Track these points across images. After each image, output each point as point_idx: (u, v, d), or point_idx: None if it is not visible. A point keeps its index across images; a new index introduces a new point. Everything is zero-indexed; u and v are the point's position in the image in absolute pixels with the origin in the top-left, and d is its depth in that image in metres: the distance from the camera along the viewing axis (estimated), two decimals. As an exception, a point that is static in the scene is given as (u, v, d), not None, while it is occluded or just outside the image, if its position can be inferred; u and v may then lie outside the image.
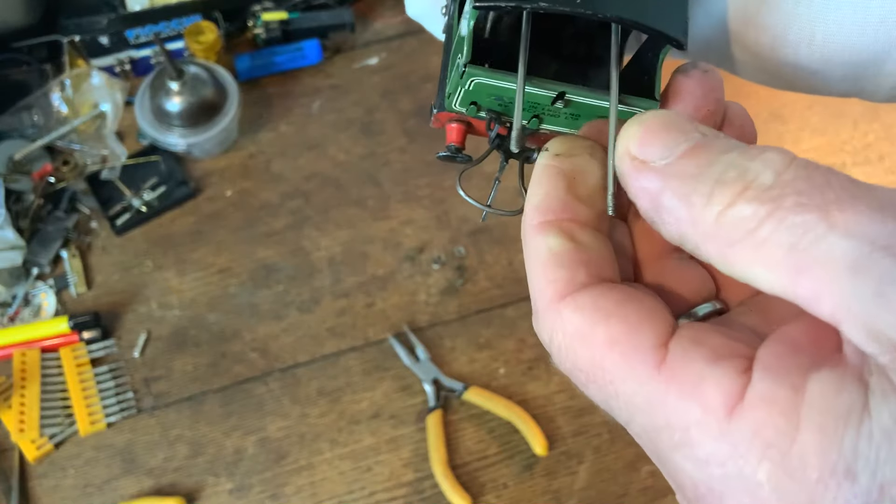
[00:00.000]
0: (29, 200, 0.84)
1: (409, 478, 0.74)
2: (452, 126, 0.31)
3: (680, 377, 0.21)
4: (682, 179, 0.22)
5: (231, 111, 0.87)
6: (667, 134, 0.23)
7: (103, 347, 0.79)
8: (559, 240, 0.26)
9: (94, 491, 0.73)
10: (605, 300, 0.24)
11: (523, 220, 0.27)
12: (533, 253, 0.26)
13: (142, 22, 0.91)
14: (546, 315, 0.25)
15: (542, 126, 0.29)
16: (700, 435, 0.21)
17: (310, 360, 0.79)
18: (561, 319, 0.24)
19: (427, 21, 0.38)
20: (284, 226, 0.86)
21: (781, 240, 0.20)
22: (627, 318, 0.23)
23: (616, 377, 0.22)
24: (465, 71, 0.26)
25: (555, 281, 0.25)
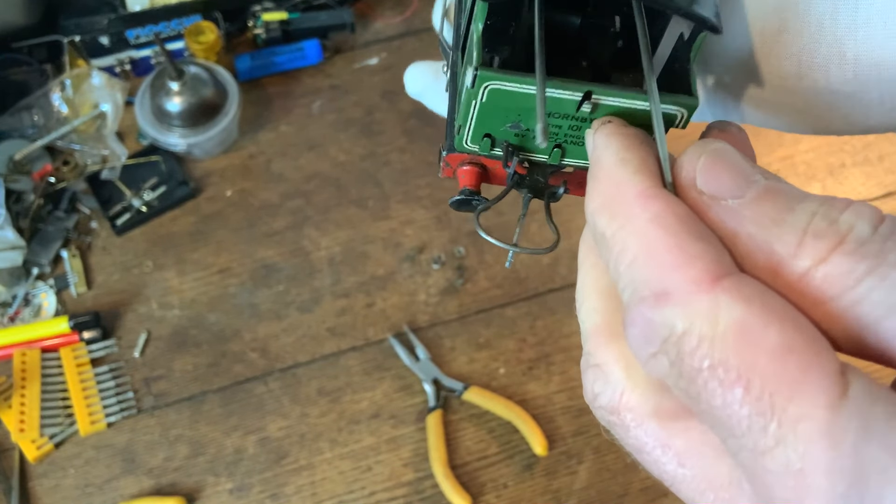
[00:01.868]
0: (29, 200, 0.85)
1: (409, 477, 0.74)
2: (464, 170, 0.28)
3: (869, 417, 0.18)
4: (760, 225, 0.20)
5: (231, 111, 0.87)
6: (736, 170, 0.21)
7: (103, 347, 0.79)
8: (685, 207, 0.21)
9: (95, 491, 0.73)
10: (774, 299, 0.19)
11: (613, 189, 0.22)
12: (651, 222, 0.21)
13: (142, 22, 0.91)
14: (685, 299, 0.19)
15: (564, 159, 0.26)
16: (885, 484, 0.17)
17: (310, 359, 0.79)
18: (716, 307, 0.19)
19: (428, 98, 0.36)
20: (284, 226, 0.86)
21: (883, 299, 0.18)
22: (804, 327, 0.19)
23: (781, 391, 0.18)
24: (477, 75, 0.23)
25: (701, 256, 0.20)
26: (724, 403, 0.19)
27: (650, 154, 0.23)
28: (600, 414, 0.24)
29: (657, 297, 0.20)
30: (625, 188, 0.22)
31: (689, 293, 0.19)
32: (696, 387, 0.19)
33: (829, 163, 0.89)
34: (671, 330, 0.19)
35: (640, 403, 0.22)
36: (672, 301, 0.20)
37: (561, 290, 0.82)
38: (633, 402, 0.22)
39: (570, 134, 0.25)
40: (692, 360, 0.19)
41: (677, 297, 0.19)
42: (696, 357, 0.19)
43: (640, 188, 0.21)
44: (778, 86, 0.28)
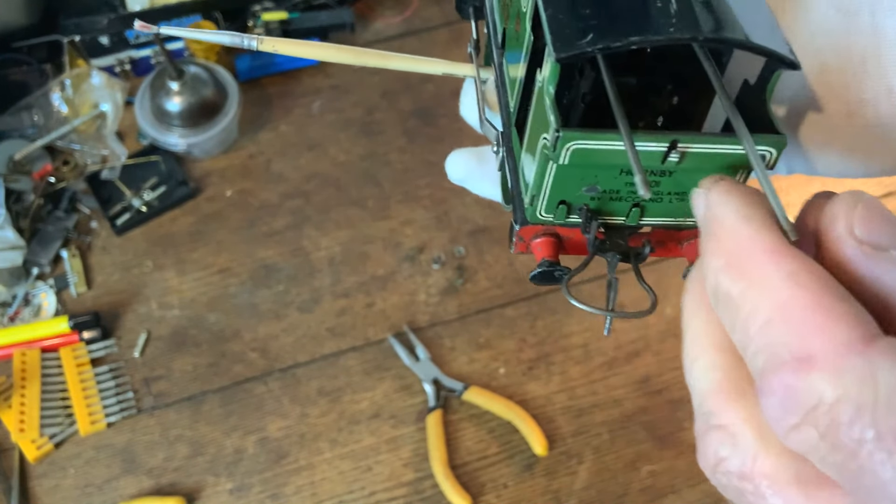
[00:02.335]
0: (29, 200, 0.85)
1: (409, 478, 0.74)
2: (540, 242, 0.27)
3: None
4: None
5: (231, 111, 0.87)
6: (891, 221, 0.20)
7: (103, 347, 0.79)
8: (822, 268, 0.20)
9: (94, 491, 0.73)
10: None
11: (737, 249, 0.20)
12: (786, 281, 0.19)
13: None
14: (836, 363, 0.18)
15: (643, 219, 0.26)
16: None
17: (310, 359, 0.79)
18: (872, 371, 0.17)
19: (472, 182, 0.35)
20: (284, 226, 0.86)
21: None
22: None
23: None
24: (559, 136, 0.22)
25: (845, 317, 0.18)
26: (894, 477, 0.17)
27: (771, 210, 0.21)
28: (726, 480, 0.21)
29: (800, 361, 0.18)
30: (753, 245, 0.20)
31: (840, 356, 0.17)
32: (857, 460, 0.17)
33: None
34: (819, 398, 0.18)
35: (779, 469, 0.20)
36: (819, 366, 0.18)
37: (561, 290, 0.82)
38: (769, 468, 0.20)
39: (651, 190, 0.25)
40: (851, 432, 0.17)
41: (825, 361, 0.18)
42: (857, 428, 0.17)
43: (769, 245, 0.20)
44: (826, 126, 0.26)
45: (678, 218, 0.26)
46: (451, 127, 0.91)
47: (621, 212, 0.26)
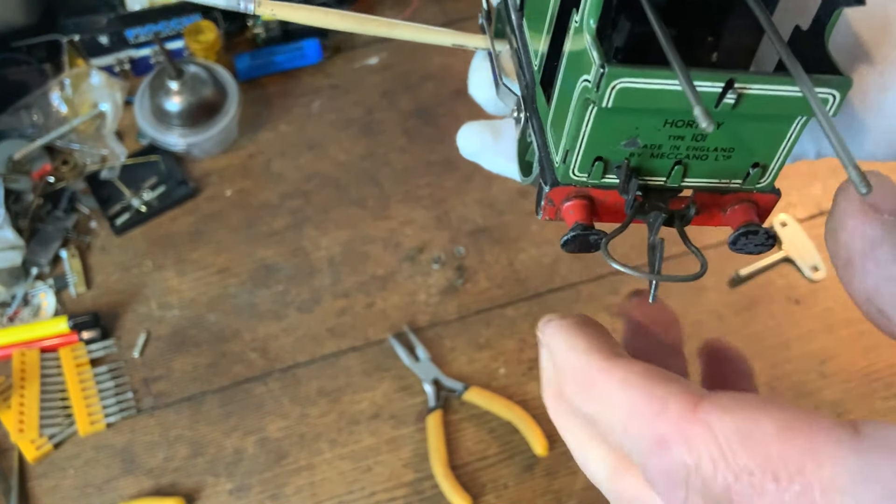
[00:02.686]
0: (28, 200, 0.84)
1: (409, 478, 0.74)
2: (570, 205, 0.25)
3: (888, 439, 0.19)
4: None
5: (231, 111, 0.87)
6: None
7: (103, 347, 0.79)
8: (640, 363, 0.23)
9: (94, 491, 0.73)
10: (741, 397, 0.21)
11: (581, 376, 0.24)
12: (620, 387, 0.23)
13: (141, 21, 0.91)
14: (681, 435, 0.21)
15: (685, 179, 0.24)
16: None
17: (310, 360, 0.79)
18: (709, 428, 0.20)
19: (485, 157, 0.35)
20: (284, 226, 0.86)
21: None
22: (781, 406, 0.20)
23: (807, 464, 0.19)
24: (604, 73, 0.21)
25: (671, 395, 0.21)
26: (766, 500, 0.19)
27: (595, 331, 0.24)
28: None
29: (658, 443, 0.21)
30: (585, 370, 0.23)
31: (682, 429, 0.21)
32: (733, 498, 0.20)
33: (831, 163, 0.89)
34: (686, 468, 0.20)
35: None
36: (672, 443, 0.21)
37: (561, 290, 0.82)
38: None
39: (694, 146, 0.23)
40: (718, 482, 0.20)
41: (674, 436, 0.21)
42: (720, 477, 0.20)
43: (597, 365, 0.23)
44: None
45: (723, 179, 0.24)
46: (452, 127, 0.91)
47: (662, 170, 0.24)
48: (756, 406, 0.20)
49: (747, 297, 0.81)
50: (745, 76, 0.21)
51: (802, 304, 0.80)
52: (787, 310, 0.80)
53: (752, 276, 0.82)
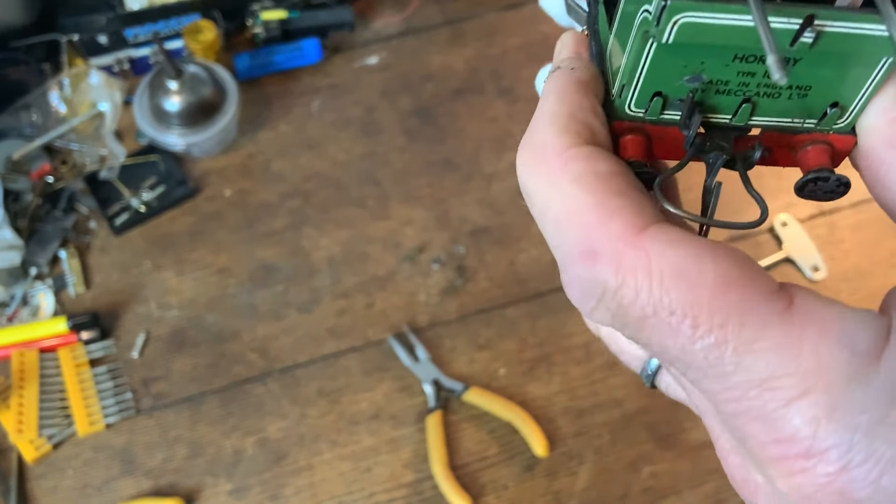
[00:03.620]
0: (27, 200, 0.84)
1: (408, 479, 0.74)
2: (628, 139, 0.23)
3: (819, 319, 0.19)
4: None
5: (230, 111, 0.86)
6: None
7: (102, 348, 0.79)
8: (608, 163, 0.21)
9: (93, 492, 0.73)
10: (698, 238, 0.20)
11: (541, 149, 0.22)
12: (572, 183, 0.21)
13: (140, 21, 0.91)
14: (614, 254, 0.20)
15: (753, 118, 0.22)
16: (845, 380, 0.18)
17: (309, 360, 0.79)
18: (646, 256, 0.20)
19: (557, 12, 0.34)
20: (284, 226, 0.86)
21: None
22: (736, 255, 0.20)
23: (732, 320, 0.19)
24: (666, 5, 0.19)
25: (621, 211, 0.20)
26: (675, 344, 0.19)
27: (586, 104, 0.22)
28: None
29: (586, 256, 0.20)
30: (549, 147, 0.22)
31: (617, 249, 0.20)
32: (644, 333, 0.20)
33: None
34: (604, 287, 0.20)
35: None
36: (601, 259, 0.20)
37: (562, 291, 0.81)
38: None
39: (766, 83, 0.21)
40: (634, 310, 0.20)
41: (605, 254, 0.20)
42: (638, 307, 0.20)
43: (561, 148, 0.21)
44: None
45: (797, 118, 0.22)
46: (452, 127, 0.91)
47: (728, 108, 0.22)
48: (706, 249, 0.20)
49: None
50: (827, 11, 0.19)
51: (803, 305, 0.80)
52: (788, 310, 0.80)
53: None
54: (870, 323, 0.19)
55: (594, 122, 0.22)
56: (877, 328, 0.19)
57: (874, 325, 0.19)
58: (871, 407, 0.18)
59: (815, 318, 0.19)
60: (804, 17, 0.19)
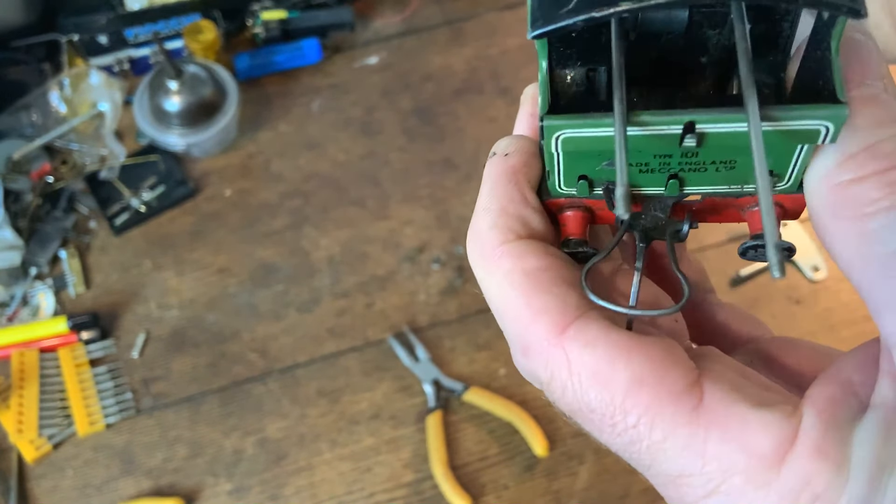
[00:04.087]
0: (27, 200, 0.84)
1: (408, 478, 0.74)
2: (568, 215, 0.24)
3: (723, 421, 0.20)
4: (852, 125, 0.19)
5: (230, 111, 0.86)
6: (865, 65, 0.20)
7: (102, 348, 0.79)
8: (536, 258, 0.22)
9: (93, 492, 0.73)
10: (617, 334, 0.21)
11: (479, 244, 0.23)
12: (503, 280, 0.22)
13: (141, 21, 0.91)
14: (541, 353, 0.21)
15: (684, 189, 0.22)
16: (744, 483, 0.19)
17: (309, 360, 0.79)
18: (566, 357, 0.21)
19: None
20: (284, 226, 0.86)
21: (882, 240, 0.18)
22: (650, 353, 0.21)
23: (643, 421, 0.20)
24: (543, 126, 0.20)
25: (545, 310, 0.21)
26: (601, 437, 0.21)
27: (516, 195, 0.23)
28: None
29: (522, 350, 0.22)
30: (485, 241, 0.23)
31: (543, 348, 0.21)
32: (579, 421, 0.22)
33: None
34: (539, 379, 0.22)
35: None
36: (533, 355, 0.22)
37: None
38: None
39: (687, 162, 0.21)
40: (563, 404, 0.22)
41: (535, 351, 0.22)
42: (564, 402, 0.21)
43: (494, 244, 0.23)
44: None
45: (733, 185, 0.22)
46: (451, 126, 0.91)
47: (656, 184, 0.22)
48: (619, 349, 0.20)
49: (748, 298, 0.81)
50: (706, 115, 0.19)
51: (803, 305, 0.80)
52: (788, 310, 0.80)
53: (752, 277, 0.81)
54: (773, 426, 0.19)
55: (525, 212, 0.23)
56: (780, 431, 0.19)
57: (778, 428, 0.19)
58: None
59: (719, 420, 0.20)
60: (684, 122, 0.19)
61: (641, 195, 0.23)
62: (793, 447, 0.19)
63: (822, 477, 0.19)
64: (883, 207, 0.18)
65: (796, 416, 0.20)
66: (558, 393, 0.21)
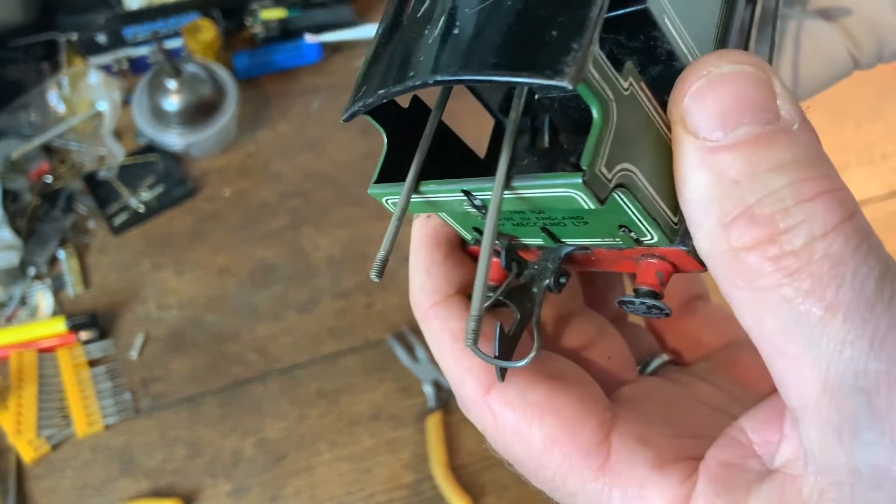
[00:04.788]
0: (26, 200, 0.84)
1: (408, 479, 0.73)
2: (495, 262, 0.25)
3: (623, 480, 0.21)
4: (715, 178, 0.18)
5: (229, 110, 0.86)
6: (733, 105, 0.18)
7: (101, 348, 0.78)
8: (458, 320, 0.24)
9: (92, 493, 0.73)
10: (534, 393, 0.23)
11: (414, 304, 0.26)
12: (435, 340, 0.25)
13: (139, 20, 0.91)
14: (473, 407, 0.24)
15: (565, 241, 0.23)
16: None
17: (309, 360, 0.79)
18: (492, 415, 0.23)
19: None
20: (283, 225, 0.85)
21: (781, 315, 0.18)
22: (563, 412, 0.22)
23: (557, 475, 0.22)
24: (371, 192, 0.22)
25: (471, 371, 0.24)
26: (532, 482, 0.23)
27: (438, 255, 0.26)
28: None
29: (460, 401, 0.24)
30: (416, 302, 0.26)
31: (474, 405, 0.24)
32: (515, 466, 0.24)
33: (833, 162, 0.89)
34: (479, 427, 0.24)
35: None
36: (468, 408, 0.24)
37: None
38: None
39: (542, 217, 0.22)
40: (499, 454, 0.24)
41: (468, 407, 0.24)
42: (499, 453, 0.24)
43: (424, 306, 0.25)
44: None
45: (606, 238, 0.22)
46: (451, 125, 0.90)
47: (533, 236, 0.23)
48: (535, 411, 0.22)
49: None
50: (474, 185, 0.20)
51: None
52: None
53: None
54: (668, 490, 0.20)
55: (448, 270, 0.26)
56: (674, 495, 0.20)
57: (672, 493, 0.20)
58: None
59: (622, 479, 0.21)
60: (458, 189, 0.21)
61: (530, 245, 0.24)
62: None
63: None
64: (771, 285, 0.18)
65: (691, 480, 0.21)
66: (493, 445, 0.24)
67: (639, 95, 0.19)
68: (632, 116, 0.19)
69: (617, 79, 0.19)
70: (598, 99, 0.18)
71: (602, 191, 0.18)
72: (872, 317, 0.17)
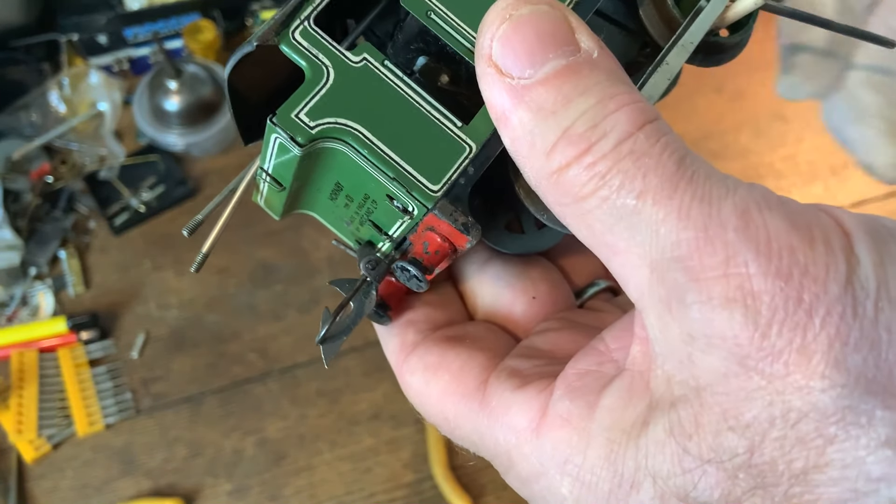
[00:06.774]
0: (27, 200, 0.84)
1: (408, 479, 0.74)
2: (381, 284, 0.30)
3: (495, 408, 0.23)
4: (533, 113, 0.20)
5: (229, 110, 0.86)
6: (537, 43, 0.20)
7: (101, 348, 0.78)
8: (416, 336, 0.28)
9: (93, 492, 0.73)
10: (430, 355, 0.26)
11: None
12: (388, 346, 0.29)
13: (140, 21, 0.91)
14: (399, 380, 0.27)
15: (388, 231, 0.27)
16: (517, 456, 0.22)
17: (309, 360, 0.79)
18: (405, 384, 0.27)
19: None
20: (283, 226, 0.86)
21: (603, 215, 0.19)
22: (451, 367, 0.25)
23: (457, 424, 0.25)
24: None
25: (391, 350, 0.28)
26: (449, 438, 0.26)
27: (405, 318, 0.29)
28: None
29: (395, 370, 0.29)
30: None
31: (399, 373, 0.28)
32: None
33: (831, 163, 0.89)
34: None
35: None
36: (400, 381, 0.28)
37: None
38: None
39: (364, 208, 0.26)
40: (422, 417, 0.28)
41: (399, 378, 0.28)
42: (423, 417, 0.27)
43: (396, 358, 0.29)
44: None
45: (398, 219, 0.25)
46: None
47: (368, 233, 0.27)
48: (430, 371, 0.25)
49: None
50: None
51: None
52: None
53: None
54: (527, 404, 0.22)
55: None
56: (532, 407, 0.22)
57: (530, 405, 0.22)
58: (532, 478, 0.22)
59: (494, 409, 0.23)
60: None
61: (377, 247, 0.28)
62: (544, 419, 0.22)
63: (567, 443, 0.21)
64: (590, 191, 0.19)
65: (548, 391, 0.22)
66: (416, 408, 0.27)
67: (379, 70, 0.23)
68: (362, 84, 0.23)
69: (339, 50, 0.23)
70: (305, 60, 0.22)
71: (299, 133, 0.22)
72: (676, 193, 0.18)
